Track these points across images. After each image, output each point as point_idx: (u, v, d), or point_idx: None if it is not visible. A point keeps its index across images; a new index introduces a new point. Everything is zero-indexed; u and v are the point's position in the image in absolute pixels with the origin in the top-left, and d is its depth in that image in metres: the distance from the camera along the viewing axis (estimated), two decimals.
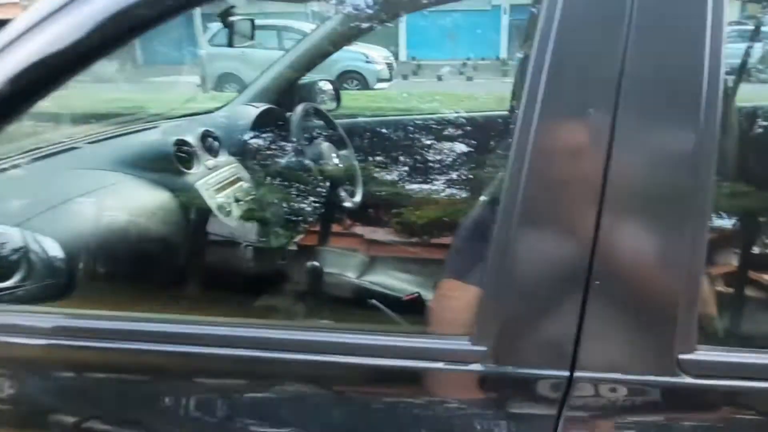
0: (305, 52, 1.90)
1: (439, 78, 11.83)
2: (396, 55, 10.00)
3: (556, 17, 0.53)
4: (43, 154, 1.36)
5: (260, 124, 1.60)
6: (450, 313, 0.78)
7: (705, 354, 0.56)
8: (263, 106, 1.63)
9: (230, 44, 1.44)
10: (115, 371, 0.73)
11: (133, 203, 1.15)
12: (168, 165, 1.27)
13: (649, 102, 0.54)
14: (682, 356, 0.55)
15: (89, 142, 1.48)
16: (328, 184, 1.56)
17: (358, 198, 1.69)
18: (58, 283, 0.81)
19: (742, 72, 1.07)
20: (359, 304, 1.38)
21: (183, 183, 1.27)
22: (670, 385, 0.57)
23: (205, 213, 1.28)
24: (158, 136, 1.54)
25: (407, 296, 1.42)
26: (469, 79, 11.72)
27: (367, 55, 8.09)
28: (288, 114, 1.78)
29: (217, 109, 1.97)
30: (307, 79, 2.06)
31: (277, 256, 1.59)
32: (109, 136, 1.55)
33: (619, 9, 0.52)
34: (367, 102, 6.99)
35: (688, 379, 0.55)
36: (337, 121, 1.81)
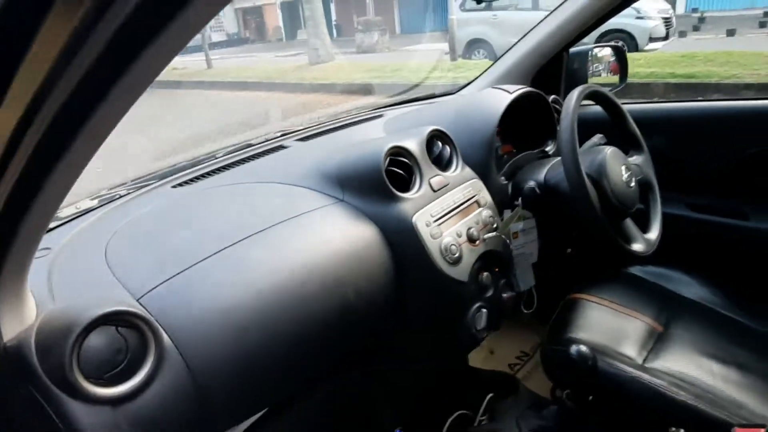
0: (575, 14, 1.34)
1: (730, 33, 9.52)
2: (672, 6, 8.22)
3: None
4: (253, 152, 1.13)
5: (513, 116, 1.10)
6: None
7: None
8: (518, 90, 1.12)
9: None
10: None
11: (322, 250, 0.79)
12: (378, 186, 0.87)
13: None
14: None
15: (299, 139, 1.20)
16: (610, 211, 1.00)
17: (653, 234, 1.09)
18: None
19: None
20: None
21: (395, 213, 0.87)
22: None
23: (423, 260, 0.86)
24: (376, 134, 1.18)
25: None
26: None
27: (638, 9, 6.67)
28: (551, 99, 1.26)
29: (459, 90, 1.55)
30: (577, 47, 1.49)
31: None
32: (323, 129, 1.26)
33: None
34: (635, 68, 5.83)
35: None
36: (627, 106, 1.19)
